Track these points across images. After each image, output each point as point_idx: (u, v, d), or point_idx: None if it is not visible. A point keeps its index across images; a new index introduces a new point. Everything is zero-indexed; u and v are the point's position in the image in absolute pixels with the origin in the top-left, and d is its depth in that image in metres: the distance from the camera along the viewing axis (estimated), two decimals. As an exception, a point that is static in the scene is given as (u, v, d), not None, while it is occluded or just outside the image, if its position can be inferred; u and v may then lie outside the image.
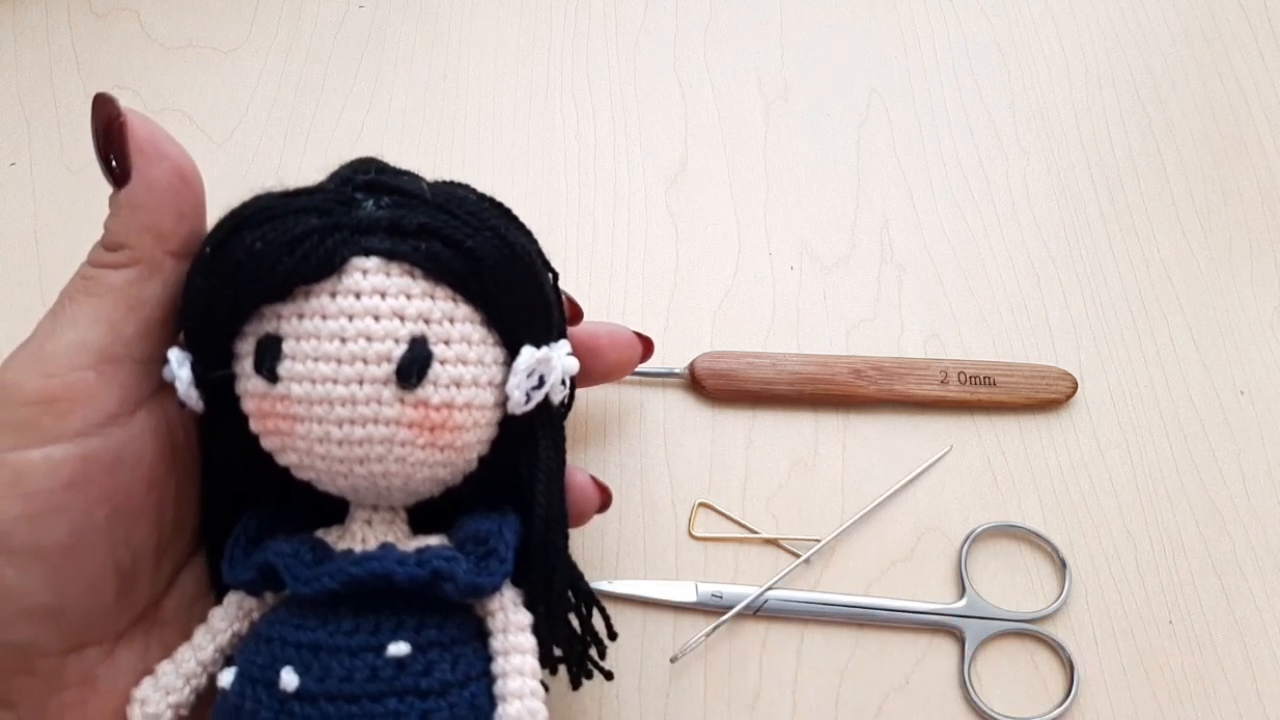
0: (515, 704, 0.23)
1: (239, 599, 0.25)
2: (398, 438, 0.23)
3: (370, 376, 0.22)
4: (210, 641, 0.25)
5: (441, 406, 0.23)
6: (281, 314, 0.22)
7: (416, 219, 0.23)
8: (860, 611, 0.34)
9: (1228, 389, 0.38)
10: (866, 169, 0.43)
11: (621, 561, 0.35)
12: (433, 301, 0.23)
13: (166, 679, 0.24)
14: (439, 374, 0.23)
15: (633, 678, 0.33)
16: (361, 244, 0.22)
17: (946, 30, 0.47)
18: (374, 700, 0.22)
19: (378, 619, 0.23)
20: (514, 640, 0.24)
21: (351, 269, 0.22)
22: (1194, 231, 0.42)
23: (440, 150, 0.43)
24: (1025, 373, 0.38)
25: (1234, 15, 0.47)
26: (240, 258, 0.22)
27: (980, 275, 0.41)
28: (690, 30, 0.47)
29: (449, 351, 0.23)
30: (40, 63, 0.45)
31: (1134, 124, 0.44)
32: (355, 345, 0.22)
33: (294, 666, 0.22)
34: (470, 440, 0.24)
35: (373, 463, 0.23)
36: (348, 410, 0.22)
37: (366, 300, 0.22)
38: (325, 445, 0.23)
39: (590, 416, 0.37)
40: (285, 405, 0.23)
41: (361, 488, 0.24)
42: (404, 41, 0.46)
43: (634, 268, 0.40)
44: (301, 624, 0.23)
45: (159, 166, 0.23)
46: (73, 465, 0.22)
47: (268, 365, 0.22)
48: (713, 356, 0.38)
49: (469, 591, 0.24)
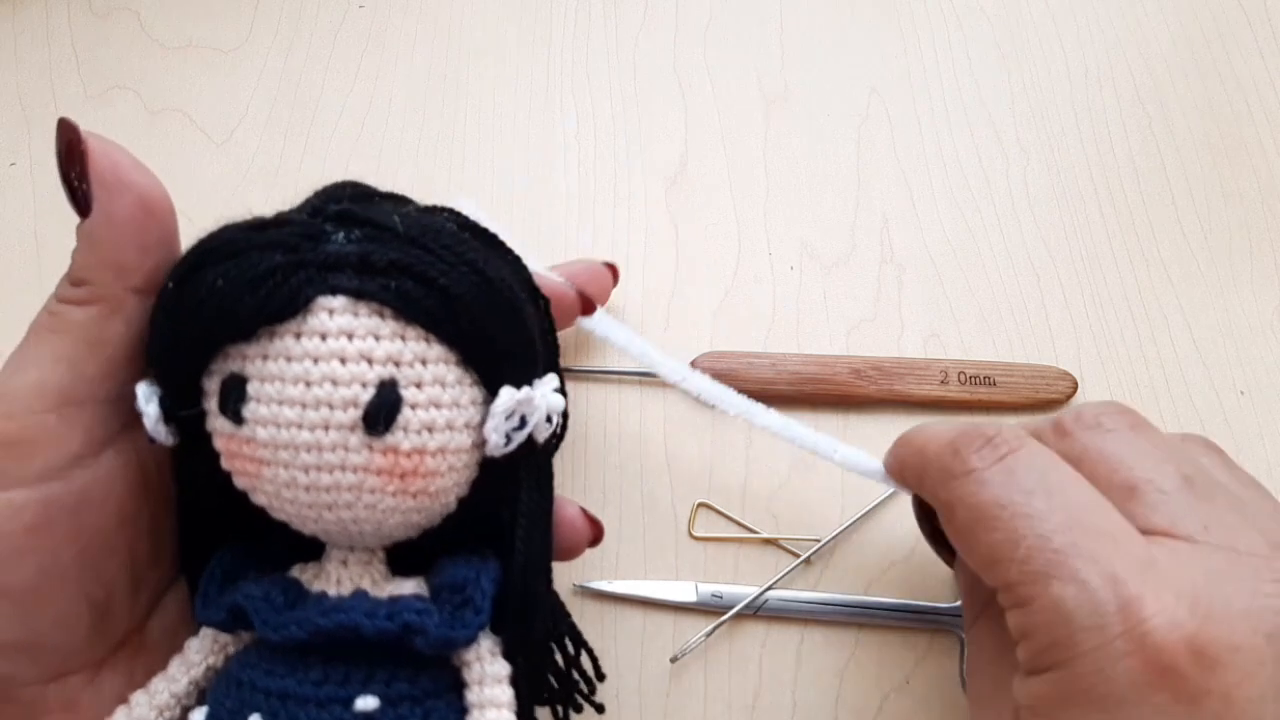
0: None
1: (214, 633, 0.24)
2: (366, 485, 0.22)
3: (336, 422, 0.21)
4: (184, 674, 0.24)
5: (412, 453, 0.22)
6: (246, 354, 0.22)
7: (387, 255, 0.21)
8: (860, 611, 0.34)
9: (1228, 389, 0.38)
10: (866, 169, 0.43)
11: (621, 561, 0.35)
12: (403, 343, 0.22)
13: (139, 710, 0.24)
14: (410, 419, 0.22)
15: (633, 678, 0.33)
16: (328, 282, 0.21)
17: (946, 30, 0.47)
18: None
19: (347, 670, 0.22)
20: (490, 694, 0.23)
21: (318, 308, 0.21)
22: (1194, 231, 0.42)
23: (440, 150, 0.43)
24: (1025, 373, 0.38)
25: (1234, 16, 0.47)
26: (202, 296, 0.21)
27: (980, 275, 0.41)
28: (690, 30, 0.47)
29: (420, 395, 0.22)
30: (40, 63, 0.45)
31: (1134, 124, 0.44)
32: (320, 390, 0.21)
33: (261, 714, 0.22)
34: (445, 485, 0.23)
35: (341, 509, 0.22)
36: (313, 457, 0.21)
37: (332, 342, 0.21)
38: (292, 490, 0.22)
39: (590, 416, 0.37)
40: (251, 448, 0.22)
41: (333, 532, 0.23)
42: (404, 41, 0.46)
43: (634, 268, 0.40)
44: (271, 670, 0.23)
45: (121, 199, 0.22)
46: (34, 509, 0.21)
47: (232, 407, 0.22)
48: (713, 356, 0.38)
49: (441, 645, 0.23)
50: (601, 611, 0.34)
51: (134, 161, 0.22)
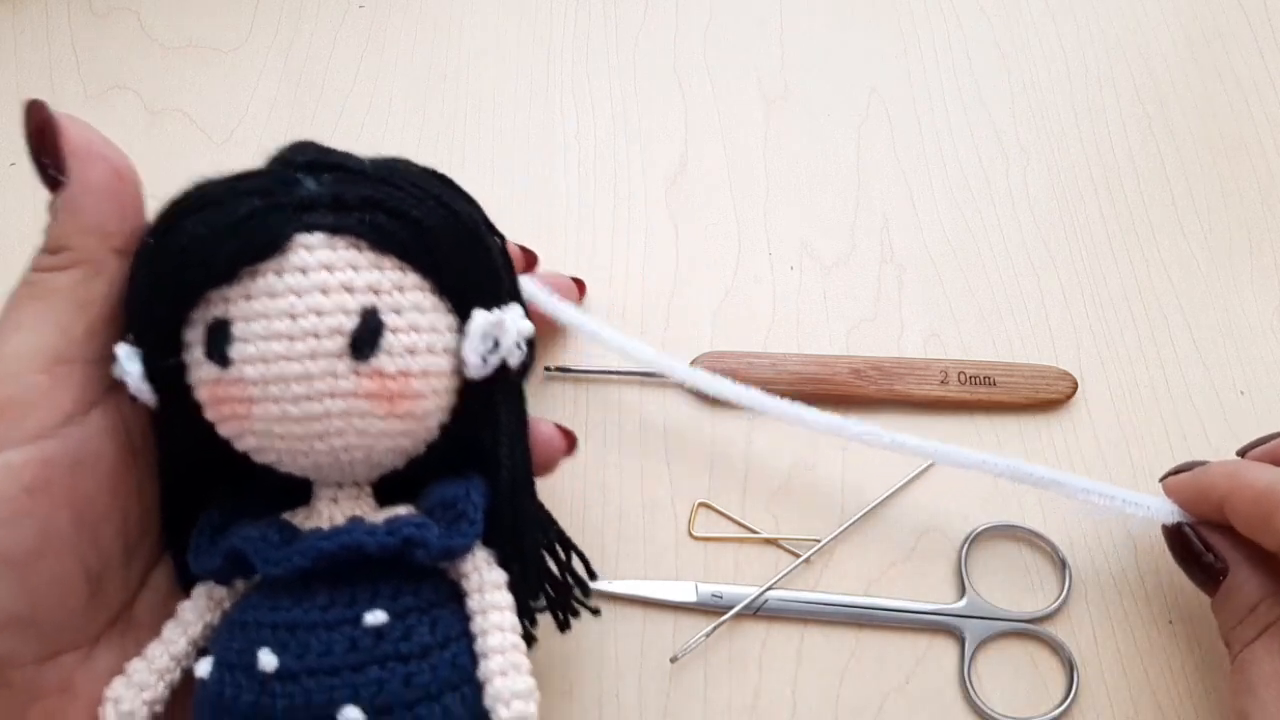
0: (498, 658, 0.24)
1: (208, 589, 0.25)
2: (356, 410, 0.23)
3: (324, 351, 0.22)
4: (181, 635, 0.24)
5: (398, 375, 0.23)
6: (229, 297, 0.22)
7: (359, 192, 0.23)
8: (860, 611, 0.34)
9: (1228, 389, 0.38)
10: (866, 169, 0.43)
11: (621, 561, 0.35)
12: (380, 272, 0.23)
13: (139, 676, 0.24)
14: (392, 343, 0.23)
15: (633, 678, 0.33)
16: (304, 221, 0.22)
17: (946, 30, 0.47)
18: (355, 670, 0.22)
19: (352, 591, 0.23)
20: (490, 598, 0.24)
21: (296, 246, 0.22)
22: (1194, 231, 0.42)
23: (440, 150, 0.43)
24: (1025, 373, 0.38)
25: (1234, 16, 0.47)
26: (184, 243, 0.22)
27: (980, 275, 0.41)
28: (690, 30, 0.47)
29: (400, 320, 0.23)
30: (40, 63, 0.45)
31: (1134, 124, 0.44)
32: (306, 321, 0.22)
33: (271, 647, 0.22)
34: (429, 408, 0.24)
35: (333, 437, 0.23)
36: (304, 387, 0.22)
37: (314, 276, 0.22)
38: (284, 424, 0.23)
39: (590, 417, 0.37)
40: (240, 388, 0.22)
41: (324, 464, 0.24)
42: (404, 41, 0.46)
43: (634, 268, 0.40)
44: (275, 605, 0.23)
45: (95, 167, 0.23)
46: (33, 469, 0.22)
47: (219, 349, 0.22)
48: (713, 356, 0.38)
49: (441, 555, 0.24)
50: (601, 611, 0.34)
51: (101, 137, 0.24)
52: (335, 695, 0.22)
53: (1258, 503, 0.28)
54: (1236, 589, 0.29)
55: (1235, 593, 0.29)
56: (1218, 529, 0.30)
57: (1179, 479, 0.32)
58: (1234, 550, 0.30)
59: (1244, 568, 0.29)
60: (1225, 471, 0.30)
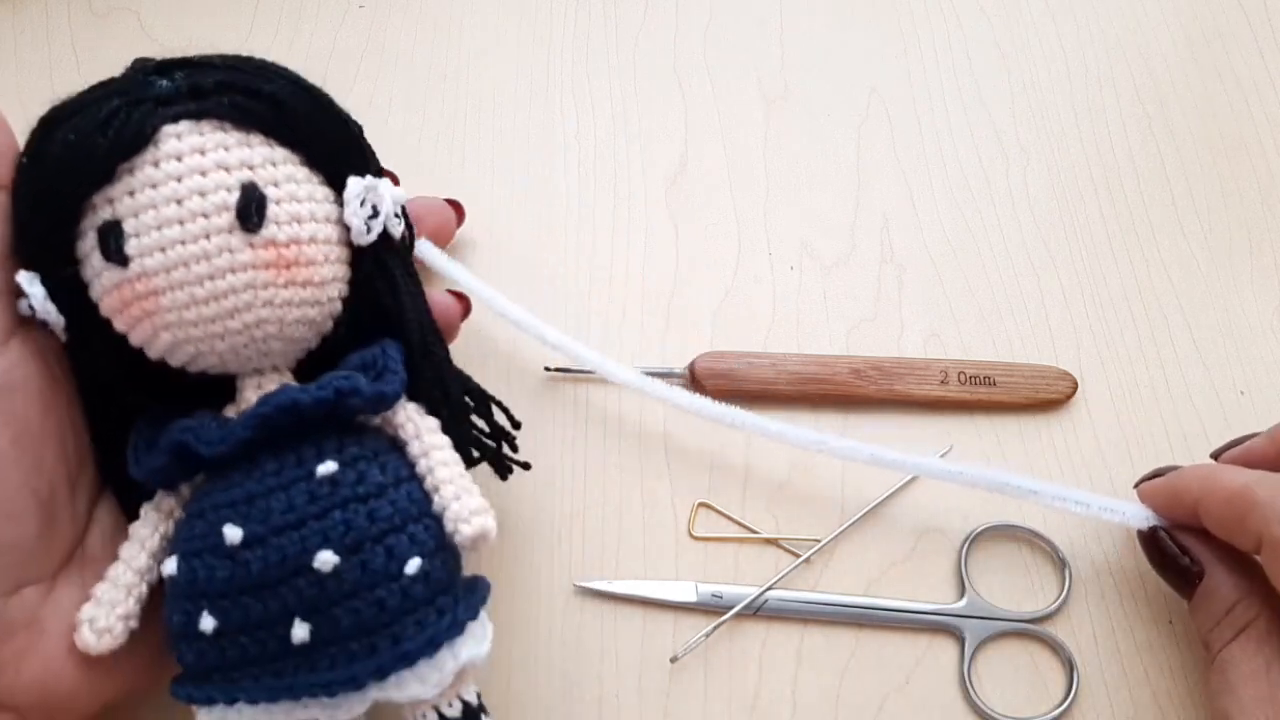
0: (449, 487, 0.25)
1: (156, 503, 0.26)
2: (259, 281, 0.24)
3: (215, 228, 0.23)
4: (140, 550, 0.25)
5: (290, 243, 0.24)
6: (112, 198, 0.23)
7: (213, 78, 0.24)
8: (860, 611, 0.34)
9: (1228, 389, 0.38)
10: (866, 169, 0.43)
11: (621, 561, 0.35)
12: (250, 149, 0.24)
13: (108, 595, 0.25)
14: (277, 213, 0.24)
15: (633, 678, 0.33)
16: (168, 113, 0.23)
17: (946, 30, 0.47)
18: (319, 519, 0.23)
19: (298, 453, 0.24)
20: (430, 440, 0.26)
21: (166, 137, 0.23)
22: (1194, 231, 0.42)
23: (439, 150, 0.43)
24: (1025, 373, 0.38)
25: (1234, 16, 0.47)
26: (58, 152, 0.23)
27: (980, 275, 0.41)
28: (690, 30, 0.47)
29: (280, 192, 0.24)
30: (40, 63, 0.45)
31: (1134, 124, 0.44)
32: (192, 203, 0.23)
33: (233, 522, 0.23)
34: (326, 275, 0.25)
35: (243, 312, 0.24)
36: (204, 267, 0.23)
37: (189, 160, 0.23)
38: (194, 309, 0.23)
39: (590, 417, 0.37)
40: (144, 283, 0.23)
41: (239, 346, 0.25)
42: (404, 41, 0.46)
43: (634, 268, 0.40)
44: (227, 487, 0.24)
45: None
46: None
47: (115, 249, 0.23)
48: (713, 356, 0.38)
49: (374, 401, 0.25)
50: (601, 611, 0.34)
51: None
52: (307, 544, 0.23)
53: (1230, 504, 0.28)
54: (1213, 591, 0.30)
55: (1212, 595, 0.30)
56: (1192, 532, 0.31)
57: (1153, 484, 0.32)
58: (1209, 553, 0.30)
59: (1219, 570, 0.30)
60: (1198, 475, 0.31)
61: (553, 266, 0.40)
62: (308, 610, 0.23)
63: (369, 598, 0.23)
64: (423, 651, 0.24)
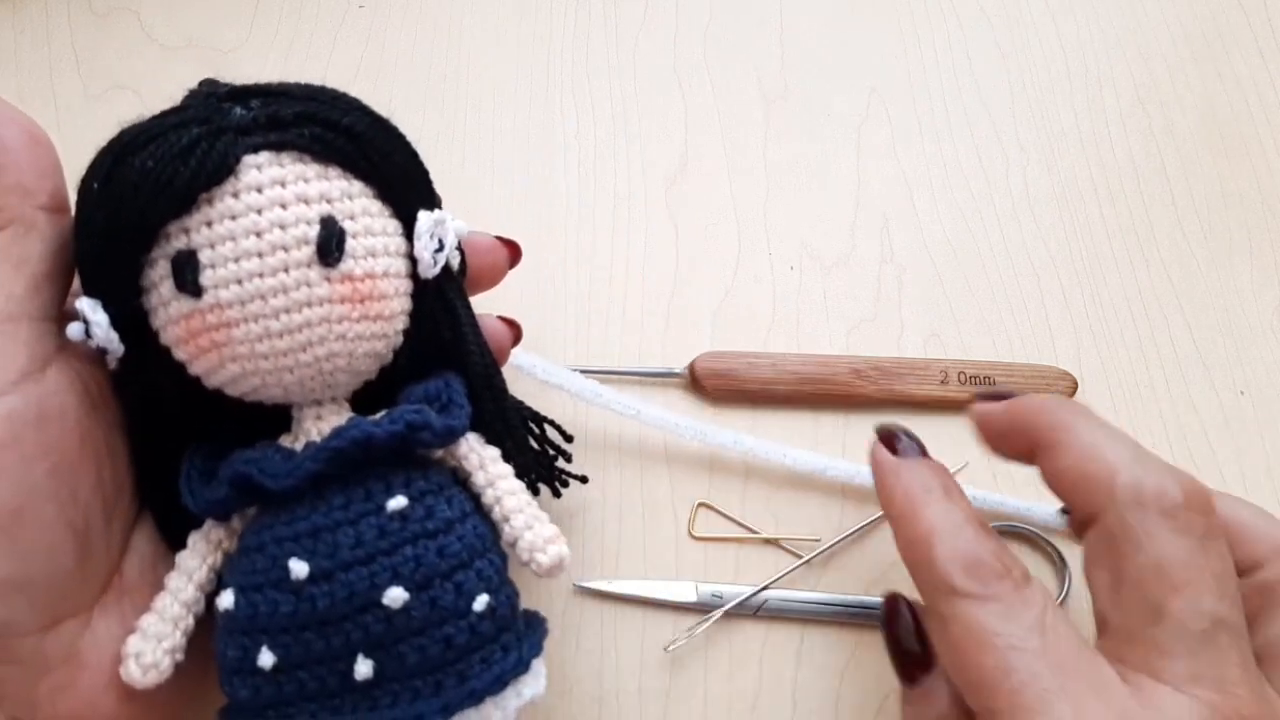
0: (520, 516, 0.25)
1: (206, 533, 0.25)
2: (334, 315, 0.23)
3: (294, 261, 0.23)
4: (188, 582, 0.24)
5: (365, 277, 0.24)
6: (187, 228, 0.23)
7: (291, 110, 0.23)
8: (860, 611, 0.34)
9: (1228, 389, 0.38)
10: (866, 169, 0.43)
11: (621, 561, 0.35)
12: (328, 182, 0.24)
13: (154, 628, 0.24)
14: (354, 247, 0.24)
15: (633, 678, 0.33)
16: (248, 143, 0.23)
17: (946, 30, 0.47)
18: (389, 554, 0.23)
19: (366, 487, 0.24)
20: (495, 470, 0.26)
21: (246, 167, 0.23)
22: (1194, 231, 0.42)
23: (440, 150, 0.43)
24: (1025, 373, 0.38)
25: (1234, 16, 0.47)
26: (135, 180, 0.22)
27: (980, 275, 0.41)
28: (690, 30, 0.47)
29: (356, 225, 0.24)
30: (40, 63, 0.45)
31: (1134, 124, 0.44)
32: (272, 235, 0.23)
33: (299, 556, 0.23)
34: (395, 309, 0.25)
35: (316, 346, 0.23)
36: (281, 300, 0.23)
37: (270, 192, 0.23)
38: (267, 341, 0.23)
39: (590, 417, 0.37)
40: (216, 314, 0.23)
41: (306, 379, 0.24)
42: (404, 41, 0.46)
43: (634, 268, 0.40)
44: (290, 520, 0.24)
45: (8, 130, 0.23)
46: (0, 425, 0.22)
47: (189, 280, 0.23)
48: (713, 356, 0.38)
49: (444, 435, 0.25)
50: (601, 611, 0.34)
51: (8, 103, 0.24)
52: (376, 580, 0.23)
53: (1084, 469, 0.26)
54: (933, 693, 0.26)
55: (931, 696, 0.26)
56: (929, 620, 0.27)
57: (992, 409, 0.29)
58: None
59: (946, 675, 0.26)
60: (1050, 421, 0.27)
61: (553, 266, 0.40)
62: (372, 647, 0.23)
63: (437, 634, 0.23)
64: (489, 689, 0.23)
